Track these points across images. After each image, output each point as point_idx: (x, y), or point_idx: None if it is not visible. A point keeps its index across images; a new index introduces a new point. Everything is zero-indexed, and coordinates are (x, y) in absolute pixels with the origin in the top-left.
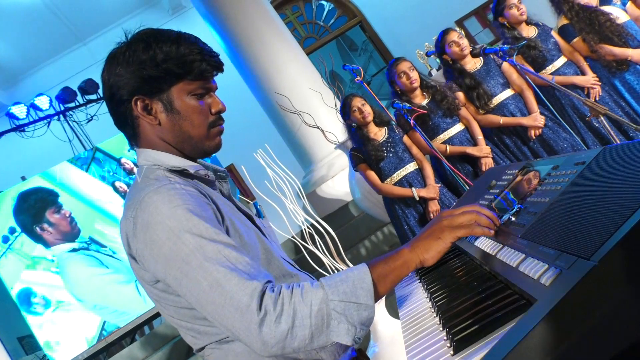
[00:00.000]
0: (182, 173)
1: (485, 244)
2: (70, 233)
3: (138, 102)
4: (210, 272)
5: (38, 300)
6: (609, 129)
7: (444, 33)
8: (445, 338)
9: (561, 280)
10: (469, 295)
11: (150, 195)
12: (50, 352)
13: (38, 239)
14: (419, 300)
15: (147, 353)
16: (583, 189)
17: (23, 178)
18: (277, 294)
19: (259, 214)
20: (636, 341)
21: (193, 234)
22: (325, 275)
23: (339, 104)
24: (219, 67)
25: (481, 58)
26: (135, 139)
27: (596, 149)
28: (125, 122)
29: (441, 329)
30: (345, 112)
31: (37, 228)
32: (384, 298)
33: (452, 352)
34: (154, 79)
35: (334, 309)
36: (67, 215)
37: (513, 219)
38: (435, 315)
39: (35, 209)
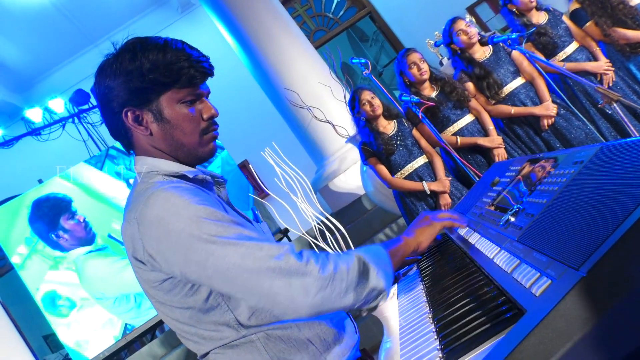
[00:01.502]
0: (181, 178)
1: (484, 246)
2: (85, 238)
3: (128, 114)
4: (239, 245)
5: (63, 302)
6: (622, 115)
7: (452, 22)
8: (438, 347)
9: (551, 291)
10: (464, 302)
11: (158, 193)
12: (80, 350)
13: (55, 245)
14: (419, 304)
15: (166, 350)
16: (578, 191)
17: (40, 181)
18: (315, 252)
19: (257, 219)
20: (625, 355)
21: (211, 219)
22: None
23: (348, 97)
24: (208, 72)
25: (490, 46)
26: (131, 148)
27: (595, 145)
28: (119, 133)
29: (435, 337)
30: (354, 105)
31: (53, 235)
32: (396, 294)
33: None
34: (141, 90)
35: (370, 261)
36: (82, 220)
37: (512, 219)
38: (431, 321)
39: (49, 217)
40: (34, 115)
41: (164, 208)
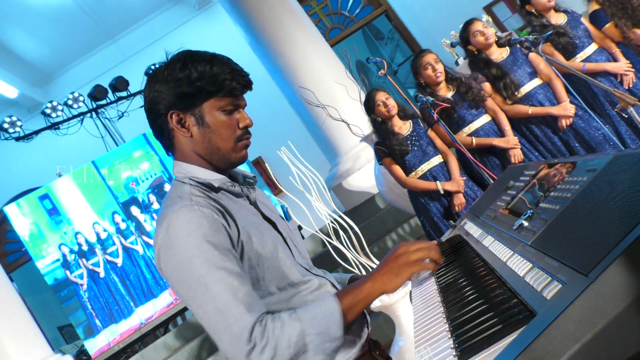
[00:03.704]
0: (208, 186)
1: (498, 250)
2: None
3: (173, 116)
4: (214, 299)
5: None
6: (639, 119)
7: (468, 23)
8: (452, 346)
9: (561, 295)
10: (478, 303)
11: (172, 217)
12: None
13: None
14: (433, 304)
15: (180, 343)
16: (590, 199)
17: (59, 175)
18: (264, 328)
19: (286, 217)
20: (630, 357)
21: (202, 260)
22: (350, 270)
23: (363, 97)
24: (247, 85)
25: (507, 47)
26: (171, 149)
27: (608, 154)
28: (162, 134)
29: (449, 336)
30: (370, 106)
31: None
32: (409, 293)
33: None
34: (188, 95)
35: (310, 342)
36: None
37: (526, 224)
38: (445, 321)
39: None
40: (53, 109)
41: (170, 237)
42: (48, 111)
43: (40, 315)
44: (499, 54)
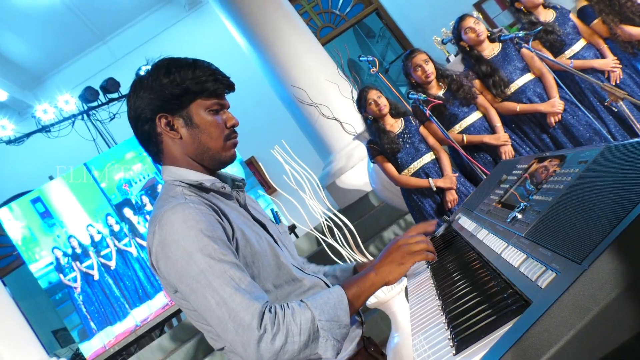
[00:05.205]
0: (199, 187)
1: (492, 242)
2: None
3: (162, 119)
4: (217, 290)
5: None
6: (628, 113)
7: (460, 19)
8: (449, 337)
9: (555, 283)
10: (473, 294)
11: (168, 215)
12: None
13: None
14: (429, 297)
15: (176, 345)
16: (582, 189)
17: (51, 177)
18: (274, 315)
19: (276, 220)
20: (624, 342)
21: (203, 254)
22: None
23: (355, 95)
24: (230, 86)
25: (499, 43)
26: (158, 156)
27: (599, 146)
28: (150, 140)
29: (446, 327)
30: (361, 105)
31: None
32: (404, 289)
33: (454, 352)
34: (175, 97)
35: (322, 327)
36: None
37: (519, 216)
38: (442, 313)
39: None
40: (44, 112)
41: (168, 233)
42: (37, 114)
43: (34, 320)
44: (490, 50)
